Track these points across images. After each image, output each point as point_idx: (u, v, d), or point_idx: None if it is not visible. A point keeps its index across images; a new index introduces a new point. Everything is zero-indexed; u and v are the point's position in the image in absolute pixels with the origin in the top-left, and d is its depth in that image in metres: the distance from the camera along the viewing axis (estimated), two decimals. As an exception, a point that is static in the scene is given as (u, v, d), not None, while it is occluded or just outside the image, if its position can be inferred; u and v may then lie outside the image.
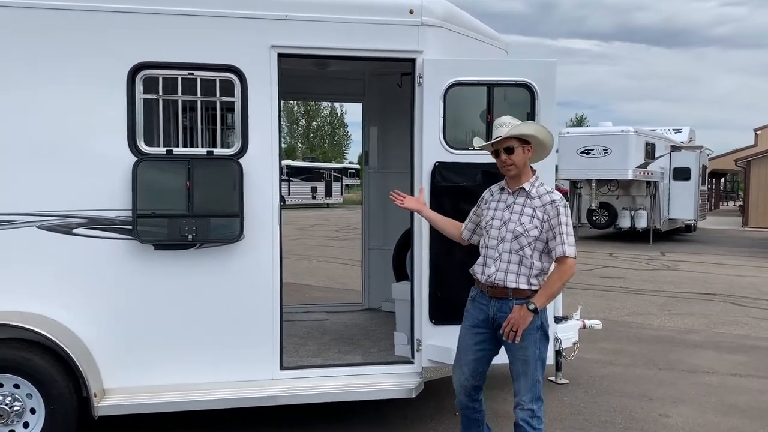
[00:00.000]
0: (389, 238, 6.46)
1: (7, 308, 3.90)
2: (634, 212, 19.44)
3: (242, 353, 4.25)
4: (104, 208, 4.02)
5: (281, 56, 4.22)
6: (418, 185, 4.40)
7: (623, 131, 18.04)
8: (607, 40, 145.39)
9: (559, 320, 5.52)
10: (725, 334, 7.94)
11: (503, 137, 3.52)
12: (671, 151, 20.18)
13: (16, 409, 3.86)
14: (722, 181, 50.00)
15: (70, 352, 3.83)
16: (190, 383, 4.17)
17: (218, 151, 4.21)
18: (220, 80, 4.14)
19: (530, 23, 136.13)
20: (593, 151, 18.34)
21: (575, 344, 5.78)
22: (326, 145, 61.49)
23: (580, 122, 62.25)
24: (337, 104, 56.86)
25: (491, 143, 3.60)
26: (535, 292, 3.48)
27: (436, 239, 4.34)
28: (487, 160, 3.95)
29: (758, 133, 36.79)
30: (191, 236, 4.05)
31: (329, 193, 41.25)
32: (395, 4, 4.38)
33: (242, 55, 4.14)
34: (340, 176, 43.47)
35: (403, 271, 6.04)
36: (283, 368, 4.36)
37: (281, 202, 4.35)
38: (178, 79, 4.09)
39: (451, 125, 4.40)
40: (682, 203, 19.93)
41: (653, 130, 20.69)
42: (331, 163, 48.79)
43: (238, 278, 4.21)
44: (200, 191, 4.07)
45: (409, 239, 4.68)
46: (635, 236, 19.77)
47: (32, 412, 3.89)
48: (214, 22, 4.09)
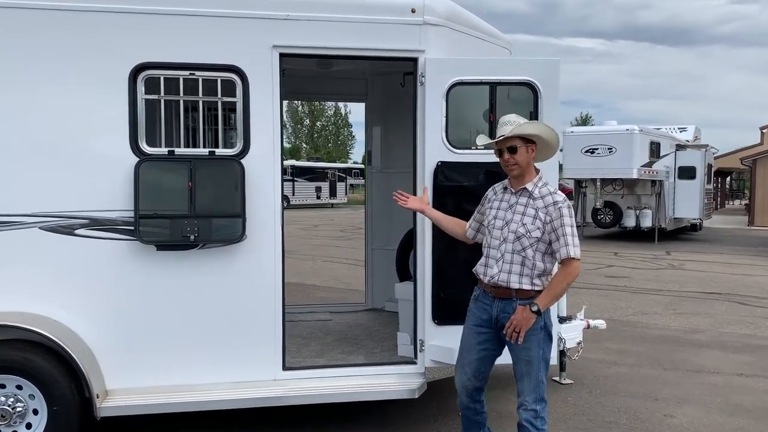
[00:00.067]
0: (392, 238, 6.45)
1: (9, 309, 3.90)
2: (639, 211, 19.39)
3: (244, 354, 4.25)
4: (106, 208, 4.02)
5: (283, 56, 4.22)
6: (420, 185, 4.38)
7: (628, 130, 18.02)
8: (611, 38, 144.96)
9: (563, 320, 5.50)
10: (731, 333, 7.90)
11: (507, 136, 3.49)
12: (676, 149, 20.12)
13: (18, 410, 3.86)
14: (728, 179, 49.82)
15: (72, 353, 3.82)
16: (192, 384, 4.16)
17: (220, 151, 4.21)
18: (221, 80, 4.13)
19: (534, 22, 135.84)
20: (598, 150, 18.32)
21: (579, 344, 5.76)
22: (330, 145, 61.52)
23: (584, 121, 62.15)
24: (341, 104, 56.91)
25: (495, 142, 3.56)
26: (538, 292, 3.46)
27: (438, 239, 4.33)
28: (489, 159, 3.93)
29: (764, 131, 36.59)
30: (193, 237, 4.05)
31: (333, 193, 41.26)
32: (397, 3, 4.36)
33: (244, 55, 4.13)
34: (344, 176, 43.46)
35: (406, 271, 6.02)
36: (285, 369, 4.35)
37: (285, 202, 4.34)
38: (179, 79, 4.09)
39: (453, 125, 4.38)
40: (687, 202, 19.85)
41: (658, 128, 20.63)
42: (335, 163, 48.81)
43: (240, 279, 4.21)
44: (202, 192, 4.06)
45: (412, 239, 4.66)
46: (640, 235, 19.70)
47: (35, 413, 3.88)
48: (215, 22, 4.08)
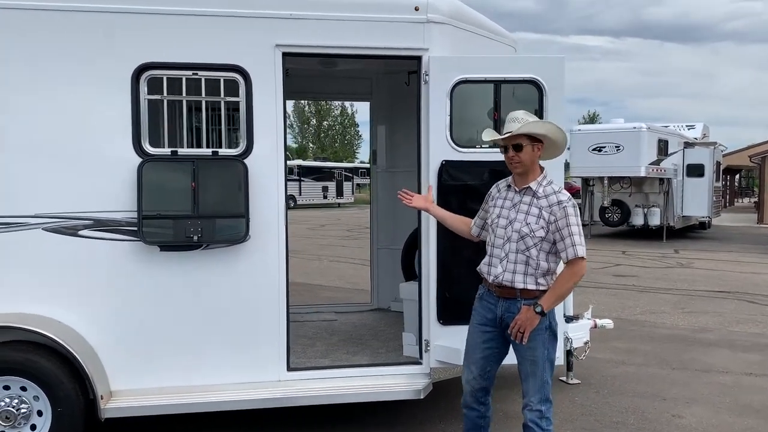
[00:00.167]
0: (398, 237, 6.42)
1: (13, 310, 3.90)
2: (647, 209, 19.28)
3: (249, 354, 4.23)
4: (109, 209, 4.01)
5: (286, 55, 4.20)
6: (425, 184, 4.36)
7: (635, 128, 17.93)
8: (619, 36, 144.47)
9: (570, 319, 5.46)
10: (740, 332, 7.84)
11: (514, 134, 3.44)
12: (684, 147, 20.02)
13: (23, 411, 3.86)
14: (737, 177, 49.57)
15: (76, 354, 3.82)
16: (196, 385, 4.15)
17: (223, 151, 4.19)
18: (224, 80, 4.12)
19: (541, 21, 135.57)
20: (605, 148, 18.24)
21: (586, 344, 5.72)
22: (337, 144, 61.57)
23: (592, 119, 61.89)
24: (347, 103, 56.98)
25: (501, 138, 3.51)
26: (543, 291, 3.42)
27: (443, 238, 4.30)
28: (494, 158, 3.89)
29: (773, 128, 36.35)
30: (197, 237, 4.03)
31: (340, 192, 41.25)
32: (400, 1, 4.33)
33: (246, 54, 4.11)
34: (351, 175, 43.46)
35: (412, 270, 6.00)
36: (290, 369, 4.33)
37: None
38: (182, 79, 4.08)
39: (457, 123, 4.35)
40: (695, 200, 19.77)
41: (666, 126, 20.52)
42: (342, 162, 48.81)
43: (244, 279, 4.19)
44: (205, 192, 4.05)
45: (417, 238, 4.63)
46: (648, 234, 19.59)
47: (39, 414, 3.88)
48: (217, 21, 4.07)
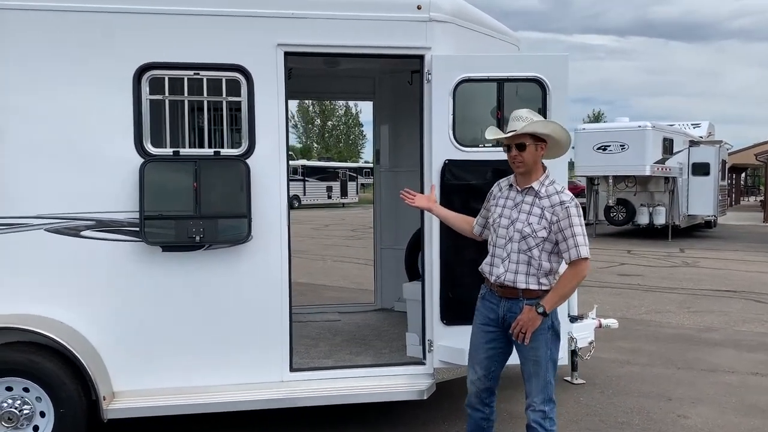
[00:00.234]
0: (401, 237, 6.40)
1: (15, 311, 3.90)
2: (652, 208, 19.21)
3: (251, 355, 4.22)
4: (111, 210, 4.00)
5: (288, 54, 4.18)
6: (428, 183, 4.34)
7: (640, 127, 17.85)
8: (623, 35, 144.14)
9: (574, 319, 5.43)
10: (746, 332, 7.79)
11: (517, 133, 3.40)
12: (690, 146, 19.93)
13: (25, 412, 3.85)
14: (743, 176, 49.36)
15: (78, 354, 3.81)
16: (199, 385, 4.14)
17: (225, 151, 4.19)
18: (226, 80, 4.11)
19: (546, 19, 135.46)
20: (610, 147, 18.17)
21: (591, 344, 5.69)
22: (341, 144, 61.56)
23: (597, 118, 61.77)
24: (352, 103, 56.94)
25: (503, 137, 3.48)
26: (546, 291, 3.39)
27: (446, 238, 4.28)
28: (497, 157, 3.87)
29: (779, 126, 36.19)
30: (199, 237, 4.03)
31: (344, 192, 41.24)
32: (403, 0, 4.31)
33: (248, 54, 4.10)
34: (355, 175, 43.44)
35: (415, 270, 5.97)
36: (293, 370, 4.32)
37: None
38: (184, 79, 4.07)
39: (460, 122, 4.33)
40: (701, 199, 19.69)
41: (671, 125, 20.43)
42: (346, 162, 48.80)
43: (246, 279, 4.18)
44: (207, 192, 4.04)
45: (420, 238, 4.61)
46: (654, 233, 19.51)
47: (42, 415, 3.88)
48: (219, 21, 4.06)
